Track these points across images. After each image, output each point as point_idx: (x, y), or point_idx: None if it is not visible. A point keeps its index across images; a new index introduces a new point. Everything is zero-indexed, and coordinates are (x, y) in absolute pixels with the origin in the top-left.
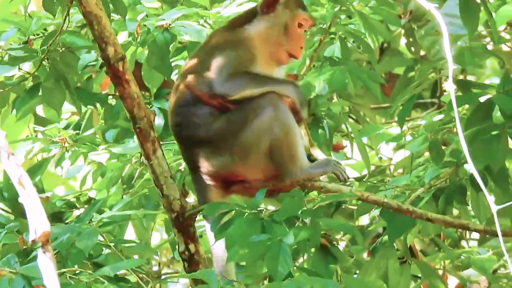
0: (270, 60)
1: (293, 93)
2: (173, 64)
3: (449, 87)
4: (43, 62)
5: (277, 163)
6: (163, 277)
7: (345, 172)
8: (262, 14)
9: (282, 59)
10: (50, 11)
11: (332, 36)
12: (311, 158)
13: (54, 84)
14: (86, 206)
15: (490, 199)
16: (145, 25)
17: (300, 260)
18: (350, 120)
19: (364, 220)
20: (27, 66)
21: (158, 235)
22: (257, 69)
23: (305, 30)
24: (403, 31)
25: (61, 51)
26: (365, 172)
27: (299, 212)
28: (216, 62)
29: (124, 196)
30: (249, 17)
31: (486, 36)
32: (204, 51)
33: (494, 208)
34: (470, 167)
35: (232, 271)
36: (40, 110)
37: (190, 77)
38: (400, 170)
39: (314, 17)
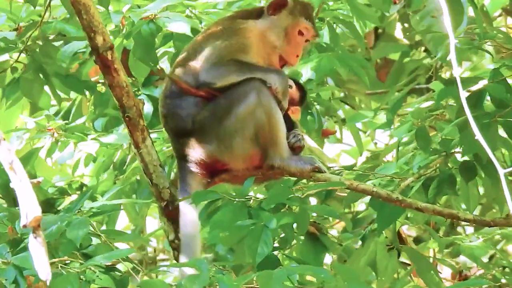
0: (263, 55)
1: (277, 81)
2: (162, 51)
3: (454, 71)
4: (23, 54)
5: (260, 147)
6: (153, 268)
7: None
8: (268, 15)
9: (274, 63)
10: (31, 2)
11: (321, 22)
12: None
13: (33, 75)
14: (78, 192)
15: (497, 164)
16: (130, 17)
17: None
18: (345, 106)
19: (361, 206)
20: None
21: (156, 221)
22: (247, 55)
23: (307, 40)
24: (397, 16)
25: (43, 41)
26: (360, 158)
27: (287, 200)
28: (207, 51)
29: (116, 182)
30: (254, 14)
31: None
32: (199, 40)
33: (501, 171)
34: (487, 150)
35: (198, 254)
36: None
37: (178, 69)
38: (389, 156)
39: (316, 28)
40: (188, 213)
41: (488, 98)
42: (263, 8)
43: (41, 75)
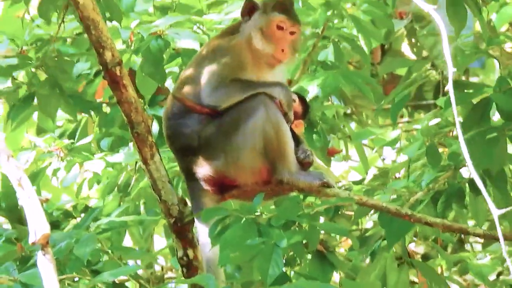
0: (260, 65)
1: (281, 94)
2: (167, 71)
3: (449, 89)
4: (38, 70)
5: (269, 161)
6: (161, 286)
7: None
8: (244, 22)
9: (269, 63)
10: (45, 18)
11: (326, 40)
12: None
13: (49, 91)
14: (83, 215)
15: (491, 204)
16: (138, 33)
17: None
18: (353, 122)
19: (368, 224)
20: (21, 76)
21: (163, 240)
22: (247, 75)
23: (292, 33)
24: (404, 32)
25: (56, 58)
26: (368, 175)
27: (296, 216)
28: (205, 73)
29: (121, 204)
30: (236, 26)
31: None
32: (196, 61)
33: (496, 212)
34: (470, 169)
35: (221, 275)
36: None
37: (181, 88)
38: (400, 174)
39: (296, 18)
40: (205, 235)
41: None
42: None
43: (57, 91)
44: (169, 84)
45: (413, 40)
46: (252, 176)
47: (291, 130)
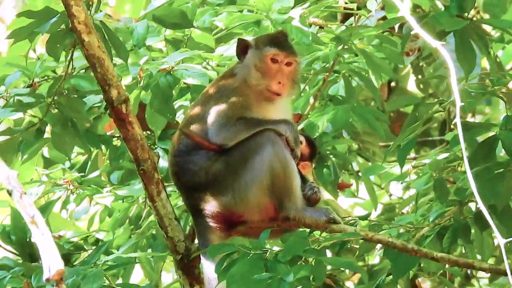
0: (263, 102)
1: (287, 131)
2: (177, 105)
3: (457, 124)
4: (50, 107)
5: (276, 198)
6: None
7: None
8: (240, 62)
9: (268, 97)
10: (54, 55)
11: (336, 74)
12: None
13: (62, 129)
14: (94, 247)
15: (497, 232)
16: (147, 69)
17: None
18: (359, 158)
19: (376, 260)
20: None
21: (170, 276)
22: (253, 114)
23: (288, 64)
24: (411, 69)
25: (67, 95)
26: (374, 212)
27: (303, 251)
28: (212, 112)
29: (132, 236)
30: (233, 67)
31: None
32: (203, 99)
33: (502, 241)
34: (477, 201)
35: None
36: (45, 151)
37: (189, 125)
38: (407, 208)
39: (290, 49)
40: (211, 270)
41: None
42: None
43: (71, 129)
44: (180, 117)
45: (419, 76)
46: (259, 212)
47: (298, 169)
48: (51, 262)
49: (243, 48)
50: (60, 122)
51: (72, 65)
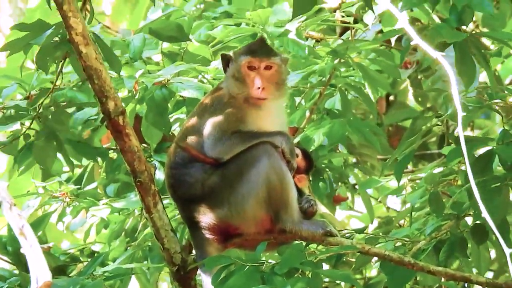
0: (253, 110)
1: (282, 143)
2: (173, 118)
3: (459, 133)
4: (35, 120)
5: (272, 210)
6: None
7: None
8: (226, 75)
9: (253, 103)
10: (43, 68)
11: (333, 88)
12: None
13: (45, 142)
14: (89, 259)
15: (504, 243)
16: (143, 82)
17: None
18: (357, 171)
19: (373, 272)
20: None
21: (165, 285)
22: (248, 127)
23: (267, 67)
24: (409, 82)
25: (54, 108)
26: (371, 224)
27: (300, 264)
28: (207, 125)
29: (128, 249)
30: (222, 82)
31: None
32: (198, 112)
33: (508, 251)
34: (483, 213)
35: None
36: None
37: (184, 138)
38: (403, 221)
39: (266, 53)
40: (208, 282)
41: None
42: None
43: (54, 142)
44: (176, 130)
45: (417, 90)
46: (256, 224)
47: (294, 182)
48: (39, 274)
49: (226, 62)
50: (43, 135)
51: (62, 77)
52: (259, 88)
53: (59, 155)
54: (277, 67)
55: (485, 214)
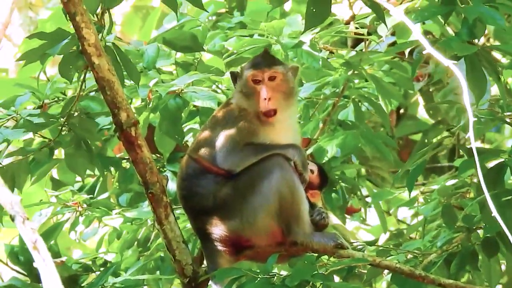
0: (265, 123)
1: (295, 155)
2: (186, 128)
3: (471, 143)
4: (63, 128)
5: (284, 222)
6: None
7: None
8: (234, 90)
9: (262, 118)
10: (66, 77)
11: (346, 99)
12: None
13: (75, 150)
14: (102, 269)
15: None
16: (157, 91)
17: None
18: (368, 183)
19: (383, 284)
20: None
21: None
22: (260, 139)
23: (271, 79)
24: (420, 95)
25: (79, 116)
26: (382, 236)
27: (311, 276)
28: (219, 137)
29: (140, 258)
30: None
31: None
32: (211, 124)
33: None
34: (499, 221)
35: None
36: (54, 172)
37: (197, 149)
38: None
39: (268, 64)
40: None
41: None
42: None
43: (84, 150)
44: (189, 140)
45: (429, 102)
46: (267, 237)
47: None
48: None
49: (234, 79)
50: (73, 143)
51: (84, 87)
52: (265, 99)
53: None
54: (282, 76)
55: (501, 223)
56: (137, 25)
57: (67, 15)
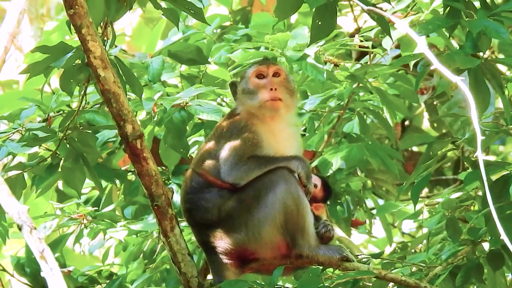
0: (270, 132)
1: (299, 167)
2: (191, 141)
3: (478, 155)
4: (62, 142)
5: (289, 235)
6: None
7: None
8: (237, 100)
9: (271, 109)
10: (67, 91)
11: (351, 112)
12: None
13: (73, 163)
14: (108, 281)
15: None
16: (161, 104)
17: None
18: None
19: None
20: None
21: None
22: (264, 151)
23: (275, 75)
24: (424, 107)
25: (80, 130)
26: (387, 249)
27: None
28: (223, 150)
29: (146, 271)
30: (233, 109)
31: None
32: (215, 137)
33: None
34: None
35: None
36: (61, 184)
37: (201, 162)
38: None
39: (271, 61)
40: None
41: None
42: None
43: (82, 164)
44: (194, 153)
45: (433, 115)
46: (272, 249)
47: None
48: None
49: (234, 89)
50: (71, 157)
51: (86, 100)
52: (271, 89)
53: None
54: (285, 75)
55: (504, 237)
56: (147, 37)
57: (73, 28)
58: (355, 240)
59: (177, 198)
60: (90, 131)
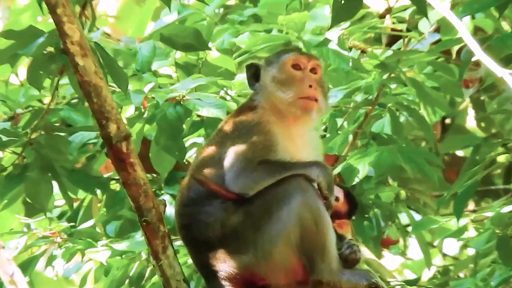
0: (287, 136)
1: (319, 175)
2: (188, 142)
3: None
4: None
5: (306, 257)
6: None
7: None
8: (256, 90)
9: (303, 109)
10: (35, 85)
11: (381, 108)
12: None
13: (38, 174)
14: None
15: None
16: (153, 98)
17: None
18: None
19: None
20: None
21: None
22: (278, 155)
23: (313, 71)
24: (470, 103)
25: (49, 132)
26: (425, 273)
27: None
28: (229, 154)
29: None
30: (250, 99)
31: None
32: (218, 138)
33: None
34: None
35: None
36: None
37: (201, 169)
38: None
39: (311, 54)
40: None
41: None
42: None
43: (49, 174)
44: (192, 157)
45: (480, 112)
46: (286, 274)
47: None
48: None
49: (253, 73)
50: (37, 166)
51: (57, 96)
52: (310, 86)
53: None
54: (321, 74)
55: None
56: (135, 18)
57: (46, 7)
58: (386, 263)
59: (170, 211)
60: (61, 134)
